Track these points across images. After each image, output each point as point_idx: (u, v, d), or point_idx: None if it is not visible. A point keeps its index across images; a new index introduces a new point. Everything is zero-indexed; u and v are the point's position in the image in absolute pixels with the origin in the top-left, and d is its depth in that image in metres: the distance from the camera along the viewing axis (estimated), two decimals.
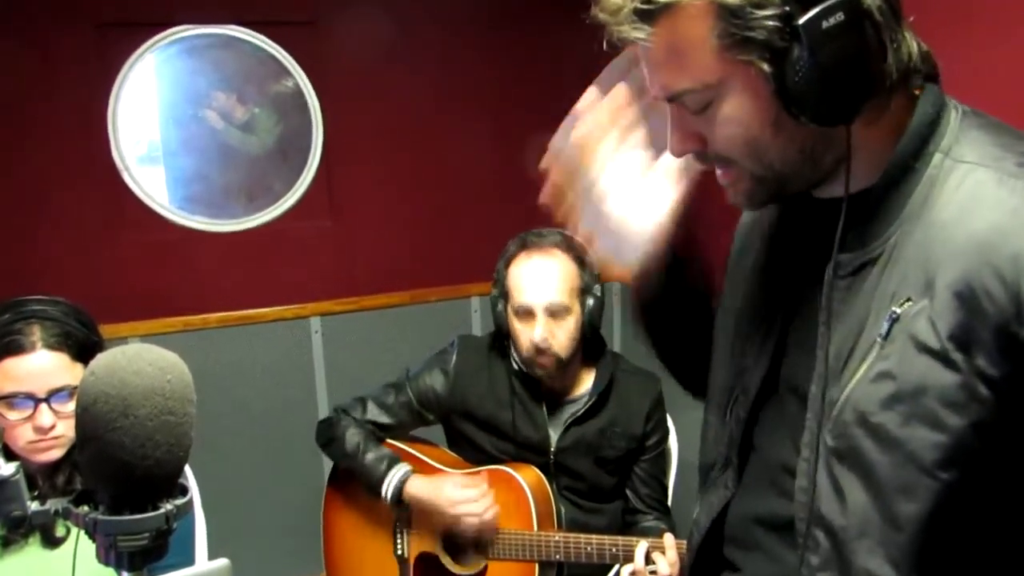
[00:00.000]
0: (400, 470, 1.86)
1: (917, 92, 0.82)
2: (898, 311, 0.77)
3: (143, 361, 0.69)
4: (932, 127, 0.80)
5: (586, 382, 1.93)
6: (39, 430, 1.34)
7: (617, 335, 3.19)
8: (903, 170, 0.79)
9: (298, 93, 2.74)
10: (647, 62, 0.82)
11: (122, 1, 2.51)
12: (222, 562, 0.84)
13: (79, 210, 2.55)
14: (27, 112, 2.46)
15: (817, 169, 0.83)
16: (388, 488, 1.85)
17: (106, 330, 2.59)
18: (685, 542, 1.64)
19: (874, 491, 0.79)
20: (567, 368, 1.88)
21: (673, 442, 2.07)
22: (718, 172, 0.87)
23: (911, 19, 0.80)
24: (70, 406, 1.34)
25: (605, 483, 1.94)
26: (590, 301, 1.84)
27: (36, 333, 1.35)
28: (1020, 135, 0.81)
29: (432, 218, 2.94)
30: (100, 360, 0.70)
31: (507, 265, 1.86)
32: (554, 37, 2.65)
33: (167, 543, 0.70)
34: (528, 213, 3.07)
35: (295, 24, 2.69)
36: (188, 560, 1.49)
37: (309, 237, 2.82)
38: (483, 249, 2.26)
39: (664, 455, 2.02)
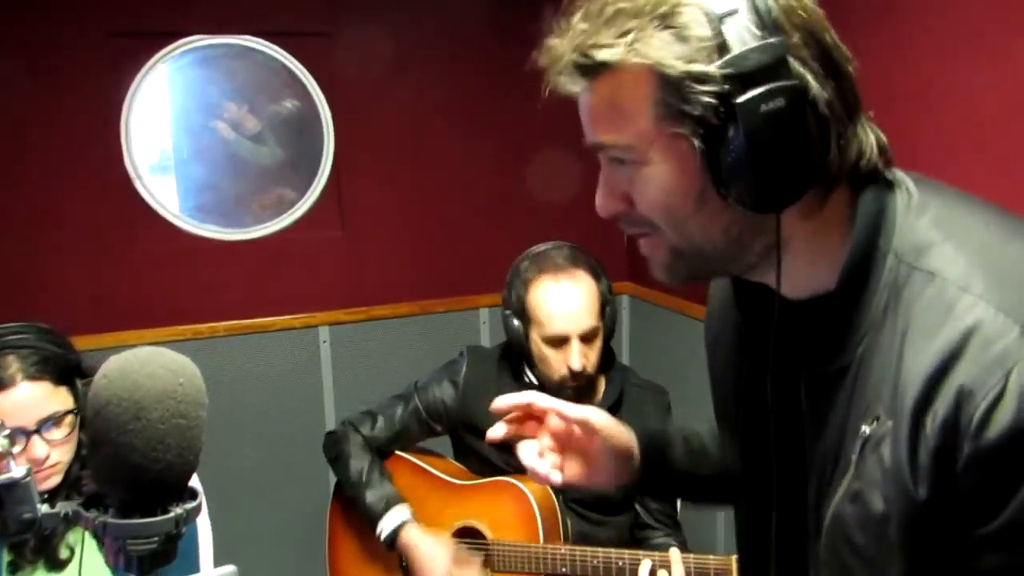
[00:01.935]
0: (395, 518, 1.86)
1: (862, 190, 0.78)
2: (867, 431, 0.74)
3: (155, 364, 0.69)
4: (876, 227, 0.76)
5: (597, 394, 1.93)
6: (34, 462, 1.30)
7: (625, 347, 3.18)
8: (857, 277, 0.76)
9: (310, 104, 2.76)
10: (583, 109, 0.80)
11: (135, 11, 2.52)
12: (229, 568, 0.84)
13: (90, 217, 2.56)
14: (39, 120, 2.48)
15: (746, 253, 0.79)
16: (382, 534, 1.86)
17: (114, 338, 2.61)
18: (692, 556, 1.65)
19: None
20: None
21: None
22: (640, 242, 0.84)
23: (870, 112, 0.77)
24: (60, 432, 1.33)
25: (612, 496, 1.93)
26: (608, 311, 1.85)
27: (13, 365, 1.30)
28: (971, 211, 0.77)
29: (442, 229, 2.95)
30: (112, 363, 0.69)
31: (527, 289, 1.82)
32: None
33: (176, 547, 0.70)
34: (536, 225, 3.07)
35: (308, 35, 2.71)
36: (193, 569, 1.49)
37: (319, 247, 2.83)
38: (492, 261, 2.26)
39: None
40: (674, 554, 1.66)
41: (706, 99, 0.70)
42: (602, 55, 0.73)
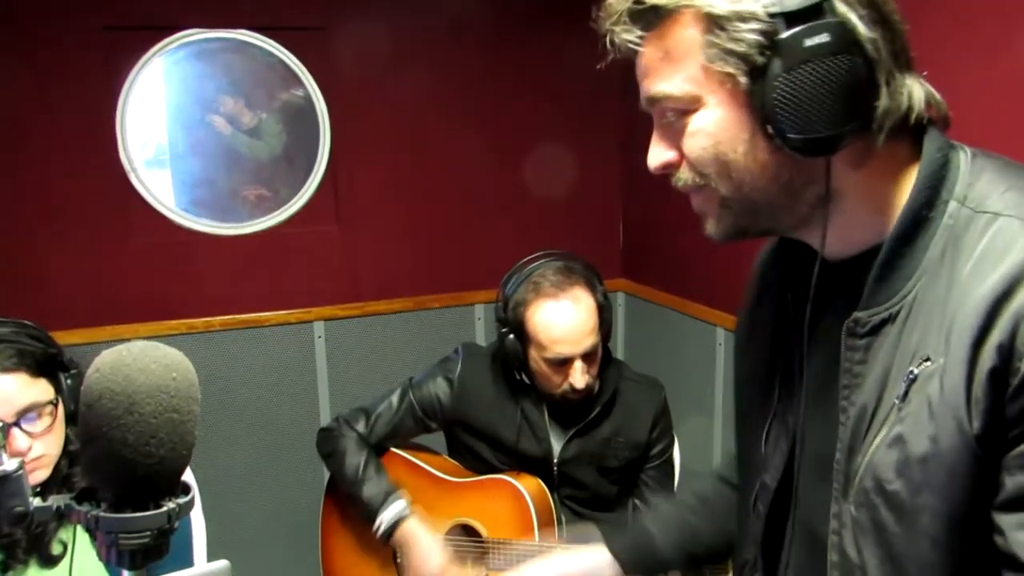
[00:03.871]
0: (394, 511, 1.84)
1: (917, 139, 0.78)
2: (916, 371, 0.73)
3: (148, 358, 0.68)
4: (942, 174, 0.76)
5: (592, 391, 1.92)
6: (17, 455, 1.27)
7: (621, 343, 3.18)
8: (916, 222, 0.76)
9: (306, 99, 2.75)
10: (638, 69, 0.81)
11: (131, 4, 2.52)
12: (222, 563, 0.84)
13: (85, 211, 2.55)
14: (35, 114, 2.47)
15: (797, 203, 0.79)
16: (380, 527, 1.85)
17: (109, 332, 2.60)
18: None
19: (894, 569, 0.75)
20: None
21: (676, 451, 2.06)
22: (692, 198, 0.84)
23: (924, 73, 0.78)
24: (41, 423, 1.30)
25: (607, 492, 1.94)
26: (605, 318, 1.84)
27: None
28: None
29: (437, 226, 2.94)
30: (105, 357, 0.69)
31: (526, 310, 1.80)
32: (560, 49, 2.66)
33: (168, 542, 0.69)
34: (532, 221, 3.06)
35: (305, 30, 2.70)
36: (186, 564, 1.48)
37: (314, 242, 2.82)
38: (488, 257, 2.26)
39: (670, 461, 2.01)
40: None
41: (752, 36, 0.72)
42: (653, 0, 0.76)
